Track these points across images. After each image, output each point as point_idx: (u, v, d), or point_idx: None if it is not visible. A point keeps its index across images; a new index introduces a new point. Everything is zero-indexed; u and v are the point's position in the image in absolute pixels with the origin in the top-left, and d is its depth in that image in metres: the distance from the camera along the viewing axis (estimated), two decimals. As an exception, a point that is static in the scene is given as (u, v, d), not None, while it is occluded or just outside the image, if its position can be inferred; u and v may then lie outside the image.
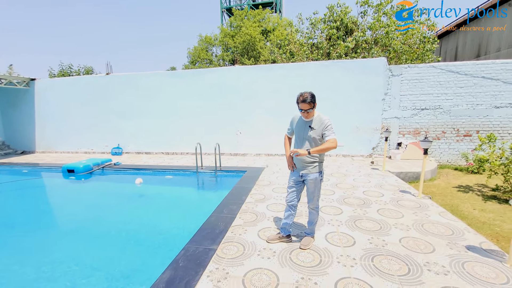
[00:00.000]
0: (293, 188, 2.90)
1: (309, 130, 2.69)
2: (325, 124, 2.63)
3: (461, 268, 2.50)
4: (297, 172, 2.84)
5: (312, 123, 2.69)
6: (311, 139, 2.69)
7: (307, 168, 2.75)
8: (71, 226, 4.40)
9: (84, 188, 6.53)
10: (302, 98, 2.60)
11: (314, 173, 2.74)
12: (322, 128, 2.64)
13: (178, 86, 8.97)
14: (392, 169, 6.40)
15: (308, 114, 2.66)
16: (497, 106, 7.18)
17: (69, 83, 9.76)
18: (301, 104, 2.61)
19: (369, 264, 2.57)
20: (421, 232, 3.20)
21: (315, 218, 2.94)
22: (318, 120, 2.68)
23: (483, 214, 4.39)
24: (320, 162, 2.76)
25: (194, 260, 2.67)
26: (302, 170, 2.79)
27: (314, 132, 2.67)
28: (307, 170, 2.75)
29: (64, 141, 10.13)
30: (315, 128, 2.66)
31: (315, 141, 2.69)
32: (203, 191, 6.14)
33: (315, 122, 2.68)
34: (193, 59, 23.32)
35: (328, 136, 2.60)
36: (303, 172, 2.78)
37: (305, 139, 2.73)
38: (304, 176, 2.79)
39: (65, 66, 16.09)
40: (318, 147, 2.61)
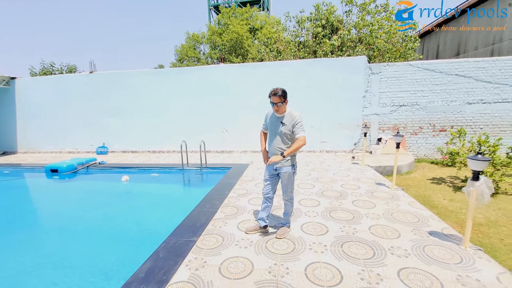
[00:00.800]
0: (268, 181, 3.06)
1: (281, 126, 2.84)
2: (295, 121, 2.78)
3: (421, 251, 2.72)
4: (272, 166, 2.99)
5: (283, 119, 2.83)
6: (282, 134, 2.84)
7: (280, 162, 2.90)
8: (55, 224, 4.42)
9: (68, 187, 6.50)
10: (273, 91, 2.75)
11: (287, 166, 2.90)
12: (292, 124, 2.78)
13: (164, 84, 8.98)
14: (371, 163, 6.67)
15: (279, 108, 2.78)
16: (469, 103, 7.57)
17: (52, 82, 9.60)
18: (272, 97, 2.75)
19: (338, 250, 2.76)
20: (390, 220, 3.43)
21: (289, 209, 3.11)
22: (289, 116, 2.83)
23: (452, 204, 4.69)
24: (292, 156, 2.92)
25: (174, 252, 2.79)
26: (276, 164, 2.94)
27: (285, 127, 2.81)
28: (280, 164, 2.91)
29: (47, 141, 9.97)
30: (286, 124, 2.81)
31: (286, 135, 2.84)
32: (188, 187, 6.24)
33: (286, 118, 2.83)
34: (181, 57, 23.16)
35: (298, 134, 2.76)
36: (277, 166, 2.93)
37: (276, 134, 2.88)
38: (278, 169, 2.95)
39: (46, 64, 15.69)
40: (290, 148, 2.77)
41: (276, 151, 2.88)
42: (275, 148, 2.91)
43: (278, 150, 2.87)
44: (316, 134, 8.34)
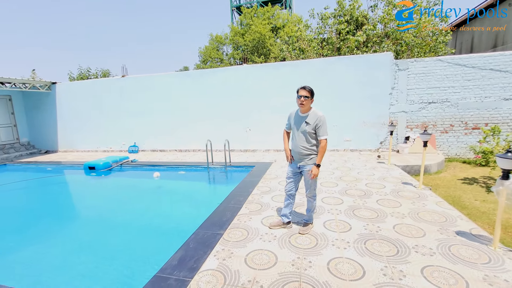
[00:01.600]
0: (291, 178, 3.17)
1: (305, 125, 2.92)
2: (319, 121, 2.85)
3: (447, 250, 2.69)
4: (295, 164, 3.11)
5: (307, 118, 2.92)
6: (306, 133, 2.92)
7: (304, 160, 3.00)
8: (94, 216, 4.86)
9: (104, 183, 7.05)
10: (302, 86, 2.88)
11: (310, 164, 2.99)
12: (316, 124, 2.86)
13: (188, 86, 9.37)
14: (398, 162, 6.51)
15: (304, 101, 2.85)
16: (506, 98, 7.10)
17: (88, 86, 10.40)
18: (300, 90, 2.85)
19: (361, 247, 2.81)
20: (415, 220, 3.39)
21: (312, 205, 3.19)
22: (313, 115, 2.90)
23: (484, 205, 4.49)
24: (315, 155, 3.01)
25: (203, 243, 3.00)
26: (299, 162, 3.04)
27: (309, 126, 2.90)
28: (304, 162, 3.01)
29: (84, 140, 10.81)
30: (310, 123, 2.89)
31: (310, 135, 2.92)
32: (213, 185, 6.51)
33: (310, 117, 2.91)
34: (204, 58, 23.79)
35: (320, 136, 2.87)
36: (300, 164, 3.04)
37: (300, 133, 2.97)
38: (301, 167, 3.05)
39: (83, 69, 16.90)
40: (319, 155, 2.93)
41: (300, 149, 2.97)
42: (298, 147, 2.99)
43: (302, 148, 2.96)
44: (339, 132, 8.27)
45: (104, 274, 2.99)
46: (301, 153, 2.99)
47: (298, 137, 3.00)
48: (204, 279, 2.38)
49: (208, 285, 2.31)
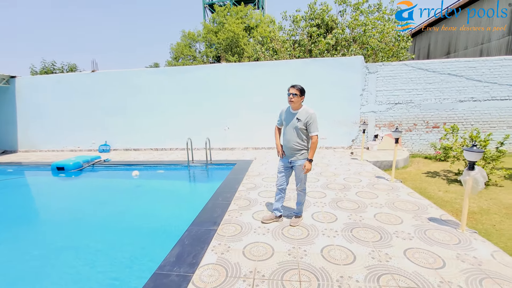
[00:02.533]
0: (282, 173, 3.30)
1: (296, 121, 3.04)
2: (310, 117, 2.99)
3: (423, 234, 3.02)
4: (286, 159, 3.23)
5: (298, 115, 3.05)
6: (298, 129, 3.04)
7: (295, 155, 3.14)
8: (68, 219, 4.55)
9: (76, 184, 6.61)
10: (292, 84, 3.03)
11: (301, 159, 3.13)
12: (307, 120, 2.99)
13: (165, 83, 9.11)
14: (369, 158, 6.99)
15: (294, 99, 2.98)
16: (461, 100, 7.97)
17: (53, 81, 9.61)
18: (290, 88, 2.99)
19: (348, 235, 3.03)
20: (392, 209, 3.72)
21: (302, 198, 3.33)
22: (304, 112, 3.04)
23: (447, 195, 5.04)
24: (306, 150, 3.16)
25: (198, 239, 3.01)
26: (291, 157, 3.17)
27: (300, 123, 3.02)
28: (295, 157, 3.14)
29: (48, 139, 9.98)
30: (301, 120, 3.02)
31: (302, 131, 3.04)
32: (196, 183, 6.44)
33: (301, 113, 3.04)
34: (176, 55, 23.15)
35: (312, 133, 3.01)
36: (292, 159, 3.17)
37: (292, 129, 3.08)
38: (292, 162, 3.18)
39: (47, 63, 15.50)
40: (311, 150, 3.05)
41: (292, 145, 3.10)
42: (290, 142, 3.11)
43: (294, 144, 3.08)
44: (315, 131, 8.62)
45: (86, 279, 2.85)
46: (293, 148, 3.11)
47: (290, 133, 3.12)
48: (206, 273, 2.41)
49: (211, 278, 2.34)
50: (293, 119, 3.07)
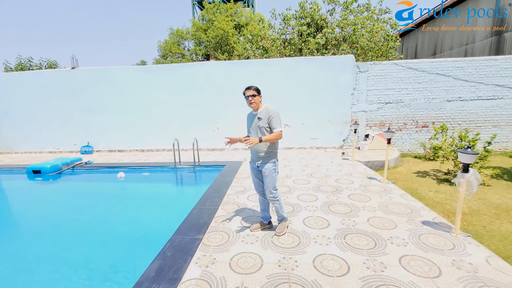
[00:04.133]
0: (255, 179, 3.07)
1: (258, 121, 2.85)
2: (271, 112, 2.81)
3: (418, 239, 2.90)
4: (253, 162, 3.01)
5: (259, 114, 2.87)
6: (261, 129, 2.83)
7: (261, 159, 2.90)
8: (45, 228, 4.24)
9: (54, 189, 6.23)
10: (247, 86, 2.88)
11: (268, 162, 2.89)
12: (268, 117, 2.80)
13: (151, 81, 8.78)
14: (360, 158, 6.92)
15: (253, 100, 2.82)
16: (449, 100, 8.02)
17: (30, 78, 9.09)
18: (246, 91, 2.85)
19: (341, 242, 2.88)
20: (386, 212, 3.61)
21: (277, 206, 3.04)
22: (265, 110, 2.85)
23: (437, 195, 4.99)
24: (273, 153, 2.92)
25: (181, 250, 2.79)
26: (257, 161, 2.94)
27: (262, 121, 2.82)
28: (261, 161, 2.90)
29: (25, 140, 9.46)
30: (262, 118, 2.83)
31: (265, 130, 2.82)
32: (183, 186, 6.18)
33: (262, 112, 2.86)
34: (164, 53, 22.63)
35: (275, 129, 2.80)
36: (258, 163, 2.93)
37: (254, 129, 2.90)
38: (259, 166, 2.94)
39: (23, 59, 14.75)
40: (267, 136, 2.76)
41: (256, 147, 2.86)
42: (258, 147, 2.87)
43: (261, 148, 2.86)
44: (306, 131, 8.51)
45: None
46: (259, 151, 2.88)
47: (254, 135, 2.90)
48: (188, 290, 2.20)
49: (194, 296, 2.14)
50: (254, 120, 2.90)
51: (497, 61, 7.65)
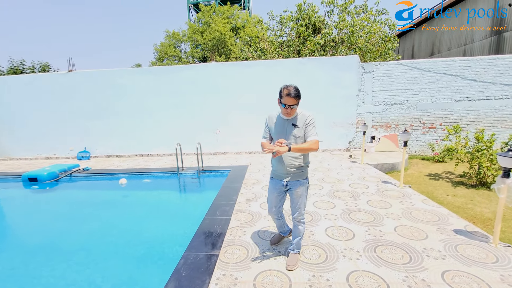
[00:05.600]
0: (275, 199, 2.57)
1: (293, 129, 2.32)
2: (308, 121, 2.32)
3: (455, 251, 2.67)
4: (280, 181, 2.46)
5: (295, 121, 2.33)
6: (297, 139, 2.31)
7: (292, 175, 2.39)
8: (42, 242, 3.91)
9: (50, 198, 5.87)
10: (287, 91, 2.20)
11: (301, 179, 2.42)
12: (306, 123, 2.32)
13: (151, 84, 8.48)
14: (369, 161, 6.70)
15: (292, 110, 2.29)
16: (456, 100, 7.87)
17: (25, 82, 8.72)
18: (286, 98, 2.21)
19: (373, 256, 2.63)
20: (411, 220, 3.37)
21: (301, 231, 2.54)
22: (301, 116, 2.35)
23: (456, 199, 4.78)
24: (307, 167, 2.46)
25: (197, 268, 2.51)
26: (286, 178, 2.41)
27: (299, 130, 2.31)
28: (292, 178, 2.40)
29: (20, 146, 9.06)
30: (299, 126, 2.31)
31: (300, 141, 2.33)
32: (188, 193, 5.88)
33: (298, 118, 2.34)
34: (160, 55, 22.33)
35: (311, 137, 2.30)
36: (287, 180, 2.41)
37: (288, 139, 2.33)
38: (289, 185, 2.43)
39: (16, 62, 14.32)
40: (300, 145, 2.25)
41: (288, 161, 2.36)
42: (286, 158, 2.36)
43: (291, 159, 2.36)
44: (311, 133, 8.28)
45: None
46: (289, 165, 2.36)
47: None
48: (212, 319, 1.93)
49: (220, 327, 1.86)
50: (287, 127, 2.35)
51: (505, 60, 7.54)
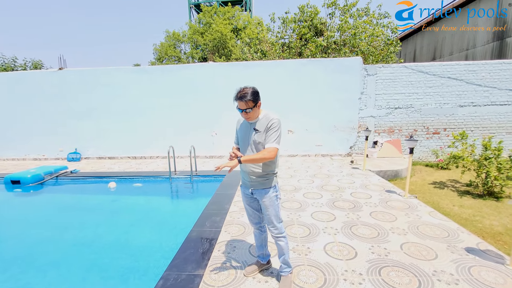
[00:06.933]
0: (248, 208, 2.36)
1: (254, 133, 2.11)
2: (270, 125, 2.07)
3: (469, 274, 2.37)
4: (246, 188, 2.27)
5: (256, 125, 2.12)
6: (256, 144, 2.10)
7: (256, 183, 2.17)
8: (19, 251, 3.60)
9: (33, 202, 5.56)
10: (239, 94, 2.04)
11: (265, 188, 2.17)
12: (266, 129, 2.08)
13: (146, 83, 8.20)
14: (372, 167, 6.41)
15: (249, 114, 2.08)
16: (461, 105, 7.60)
17: (14, 79, 8.43)
18: (238, 102, 2.05)
19: (377, 279, 2.33)
20: (419, 236, 3.08)
21: (284, 248, 2.25)
22: (264, 120, 2.11)
23: (463, 210, 4.49)
24: (271, 175, 2.18)
25: (177, 292, 2.20)
26: (251, 187, 2.21)
27: (259, 135, 2.08)
28: (257, 185, 2.18)
29: (7, 146, 8.74)
30: (260, 130, 2.09)
31: (261, 147, 2.10)
32: (179, 200, 5.57)
33: (261, 122, 2.11)
34: (160, 55, 22.10)
35: (268, 143, 2.05)
36: (253, 189, 2.21)
37: (247, 144, 2.16)
38: (254, 193, 2.22)
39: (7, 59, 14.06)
40: (251, 156, 2.05)
41: (250, 168, 2.13)
42: (247, 166, 2.14)
43: (253, 167, 2.12)
44: (311, 137, 8.00)
45: None
46: (253, 173, 2.14)
47: (246, 152, 2.17)
48: None
49: None
50: (250, 132, 2.15)
51: (511, 65, 7.28)
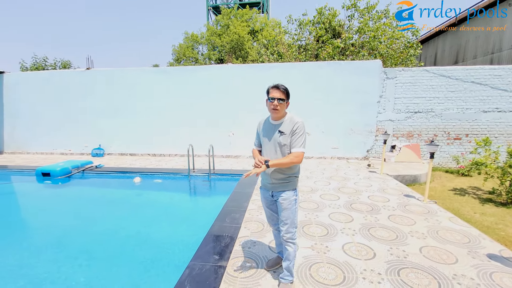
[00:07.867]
0: (268, 210, 2.40)
1: (278, 135, 2.12)
2: (295, 128, 2.09)
3: (490, 279, 2.36)
4: (267, 190, 2.29)
5: (281, 126, 2.14)
6: (282, 147, 2.11)
7: (278, 185, 2.18)
8: (49, 239, 3.87)
9: (62, 194, 5.91)
10: (276, 84, 2.17)
11: (286, 191, 2.16)
12: (292, 133, 2.09)
13: (166, 83, 8.49)
14: (389, 172, 6.35)
15: (279, 107, 2.11)
16: (485, 111, 7.38)
17: (44, 78, 8.96)
18: (272, 90, 2.13)
19: (396, 279, 2.36)
20: (438, 240, 3.06)
21: (290, 254, 2.20)
22: (290, 123, 2.12)
23: (485, 218, 4.39)
24: (293, 178, 2.19)
25: (202, 281, 2.33)
26: (272, 189, 2.22)
27: (284, 137, 2.10)
28: (278, 188, 2.18)
29: (37, 141, 9.29)
30: (285, 132, 2.10)
31: (285, 149, 2.12)
32: (197, 196, 5.75)
33: (286, 124, 2.13)
34: (178, 56, 22.64)
35: (295, 148, 2.07)
36: (274, 191, 2.21)
37: (273, 147, 2.16)
38: (275, 196, 2.23)
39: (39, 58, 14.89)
40: (279, 160, 2.07)
41: (274, 171, 2.14)
42: (271, 169, 2.12)
43: (277, 170, 2.13)
44: (327, 139, 8.00)
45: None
46: (276, 176, 2.15)
47: (270, 154, 2.17)
48: None
49: None
50: (274, 134, 2.16)
51: (541, 70, 7.00)
